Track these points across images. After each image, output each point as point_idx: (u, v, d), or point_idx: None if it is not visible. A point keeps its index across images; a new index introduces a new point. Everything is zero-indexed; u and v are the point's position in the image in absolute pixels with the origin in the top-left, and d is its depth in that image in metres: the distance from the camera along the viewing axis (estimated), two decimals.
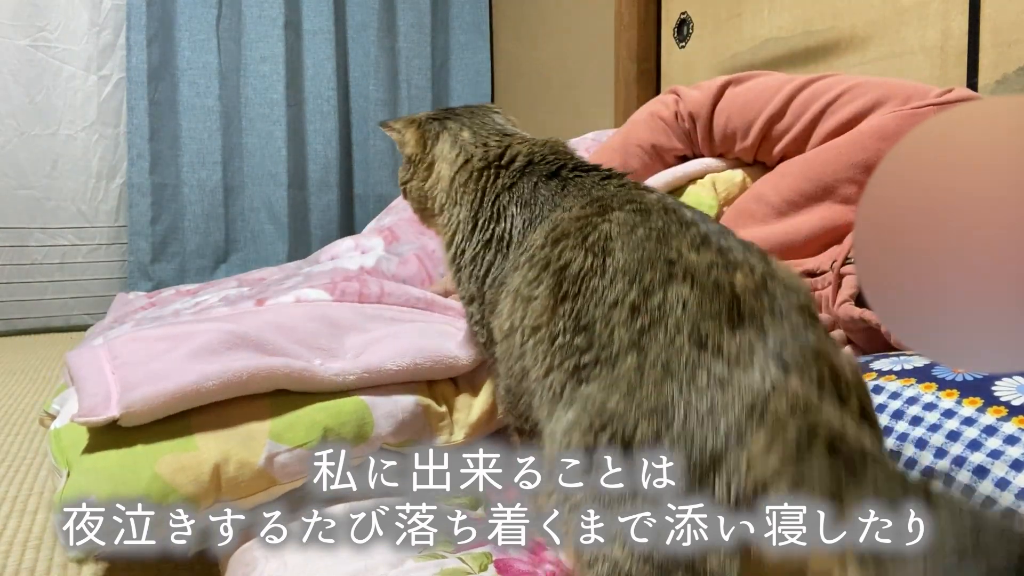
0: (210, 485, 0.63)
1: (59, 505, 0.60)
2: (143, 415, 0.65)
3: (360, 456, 0.71)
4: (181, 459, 0.63)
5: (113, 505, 0.58)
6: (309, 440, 0.68)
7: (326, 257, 1.43)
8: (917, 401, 0.54)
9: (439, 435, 0.77)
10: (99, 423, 0.63)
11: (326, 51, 2.85)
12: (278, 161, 2.79)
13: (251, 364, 0.69)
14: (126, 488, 0.60)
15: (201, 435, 0.65)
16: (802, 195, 0.92)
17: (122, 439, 0.64)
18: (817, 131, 0.97)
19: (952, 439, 0.50)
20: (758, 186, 1.00)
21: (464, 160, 0.78)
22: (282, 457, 0.67)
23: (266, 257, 2.77)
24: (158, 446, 0.64)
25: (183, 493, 0.61)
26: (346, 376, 0.74)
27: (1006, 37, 1.25)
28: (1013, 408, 0.49)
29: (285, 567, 0.57)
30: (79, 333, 2.56)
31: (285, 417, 0.69)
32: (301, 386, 0.72)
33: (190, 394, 0.66)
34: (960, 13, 1.32)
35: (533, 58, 2.82)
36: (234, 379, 0.68)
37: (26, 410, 1.58)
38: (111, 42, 2.60)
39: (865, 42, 1.47)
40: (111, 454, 0.63)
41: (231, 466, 0.64)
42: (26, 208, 2.54)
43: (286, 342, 0.76)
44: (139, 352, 0.72)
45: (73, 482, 0.61)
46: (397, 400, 0.75)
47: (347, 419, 0.71)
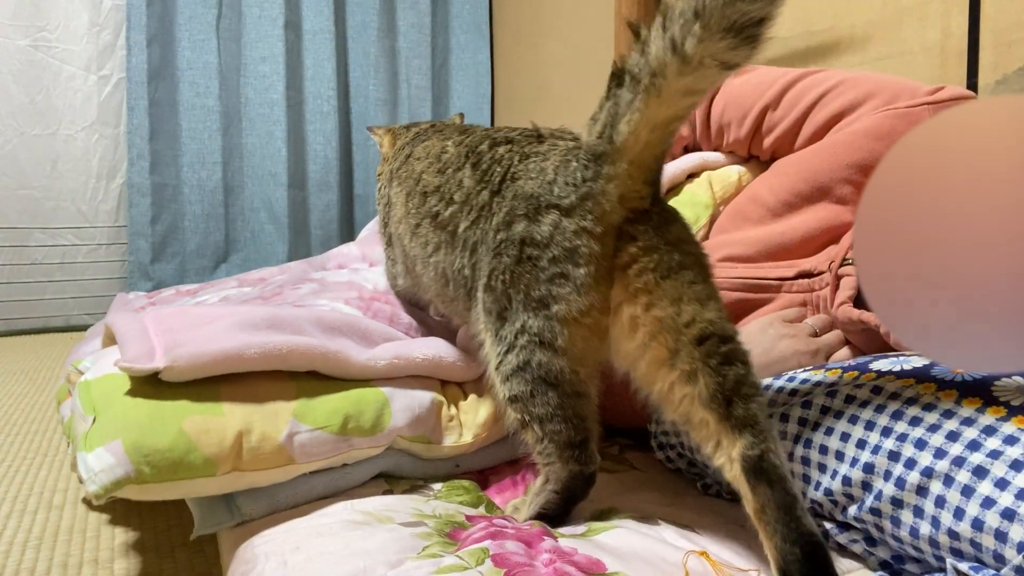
0: (231, 451, 0.65)
1: (84, 442, 0.62)
2: (185, 371, 0.67)
3: (376, 445, 0.73)
4: (208, 421, 0.65)
5: (137, 449, 0.60)
6: (329, 424, 0.70)
7: (333, 264, 1.42)
8: (916, 401, 0.54)
9: (449, 435, 0.78)
10: (142, 372, 0.66)
11: (326, 51, 2.85)
12: (278, 161, 2.79)
13: (291, 341, 0.73)
14: (152, 439, 0.62)
15: (229, 404, 0.68)
16: (798, 195, 0.92)
17: (153, 395, 0.66)
18: (808, 122, 0.97)
19: (951, 439, 0.50)
20: (754, 186, 1.00)
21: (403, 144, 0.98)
22: (302, 436, 0.68)
23: (266, 257, 2.77)
24: (187, 405, 0.66)
25: (205, 453, 0.63)
26: (377, 361, 0.78)
27: (1006, 37, 1.25)
28: (1012, 408, 0.49)
29: (285, 566, 0.57)
30: (79, 333, 2.56)
31: (309, 400, 0.71)
32: (335, 369, 0.75)
33: (232, 358, 0.69)
34: (960, 13, 1.32)
35: (533, 58, 2.82)
36: (274, 351, 0.71)
37: (26, 410, 1.58)
38: (111, 42, 2.60)
39: (865, 42, 1.47)
40: (141, 405, 0.65)
41: (254, 437, 0.66)
42: (26, 208, 2.54)
43: (321, 332, 0.79)
44: (183, 320, 0.75)
45: (101, 425, 0.63)
46: (415, 395, 0.77)
47: (367, 408, 0.73)
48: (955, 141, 0.43)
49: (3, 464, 1.25)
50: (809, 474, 0.59)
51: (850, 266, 0.84)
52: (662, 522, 0.64)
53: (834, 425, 0.57)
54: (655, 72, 0.53)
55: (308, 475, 0.70)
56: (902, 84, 0.94)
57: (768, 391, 0.65)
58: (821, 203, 0.91)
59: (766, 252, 0.92)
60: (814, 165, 0.93)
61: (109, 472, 0.60)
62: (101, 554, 0.94)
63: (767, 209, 0.95)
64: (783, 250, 0.92)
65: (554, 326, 0.60)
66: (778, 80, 1.02)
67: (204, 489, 0.64)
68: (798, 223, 0.92)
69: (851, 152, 0.90)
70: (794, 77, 1.01)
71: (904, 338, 0.44)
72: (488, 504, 0.73)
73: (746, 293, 0.90)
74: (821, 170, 0.92)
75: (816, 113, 0.97)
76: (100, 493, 0.59)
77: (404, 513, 0.66)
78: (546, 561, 0.55)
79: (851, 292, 0.80)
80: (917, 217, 0.43)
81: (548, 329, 0.60)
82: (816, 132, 0.97)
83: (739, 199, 1.00)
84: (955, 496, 0.48)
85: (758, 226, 0.94)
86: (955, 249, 0.42)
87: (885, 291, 0.46)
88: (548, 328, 0.60)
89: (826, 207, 0.91)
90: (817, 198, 0.92)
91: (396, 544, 0.58)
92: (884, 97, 0.93)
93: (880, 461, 0.53)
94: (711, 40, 0.51)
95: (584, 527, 0.64)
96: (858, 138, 0.90)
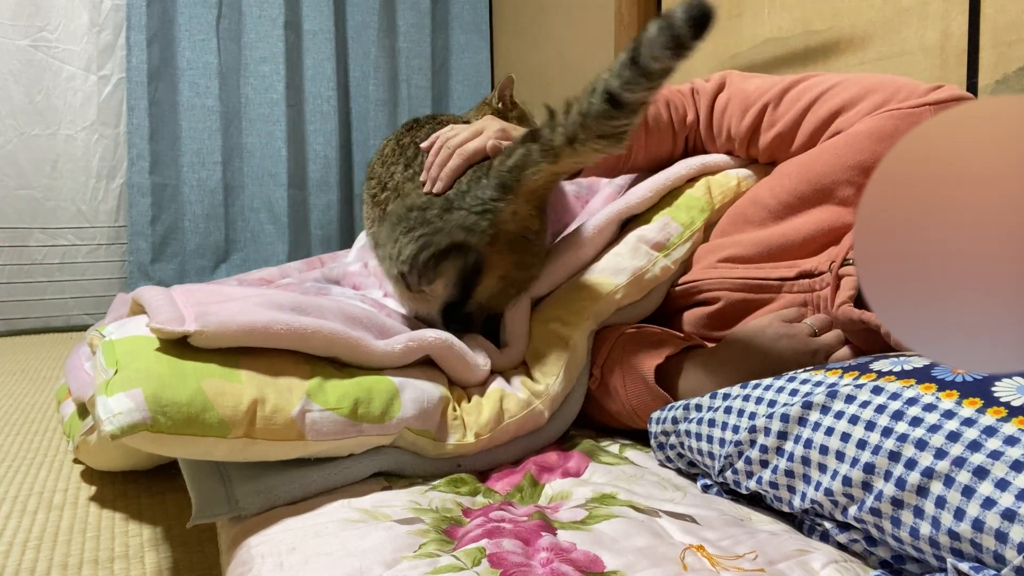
0: (245, 416, 0.66)
1: (105, 388, 0.63)
2: (213, 338, 0.69)
3: (385, 434, 0.73)
4: (225, 385, 0.67)
5: (157, 399, 0.62)
6: (340, 407, 0.71)
7: (339, 272, 1.42)
8: (917, 402, 0.53)
9: (453, 433, 0.78)
10: (173, 335, 0.68)
11: (326, 51, 2.85)
12: (278, 161, 2.79)
13: (316, 323, 0.75)
14: (171, 391, 0.64)
15: (247, 372, 0.69)
16: (799, 197, 0.92)
17: (176, 355, 0.68)
18: (807, 119, 0.97)
19: (952, 440, 0.50)
20: (755, 189, 0.99)
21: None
22: (313, 414, 0.70)
23: (266, 257, 2.77)
24: (208, 367, 0.68)
25: (220, 413, 0.65)
26: (394, 346, 0.80)
27: (1006, 37, 1.25)
28: (1013, 409, 0.49)
29: (281, 568, 0.57)
30: (79, 333, 2.56)
31: (323, 382, 0.73)
32: (355, 355, 0.77)
33: (259, 330, 0.71)
34: (960, 13, 1.32)
35: (533, 58, 2.82)
36: (299, 330, 0.73)
37: (26, 410, 1.58)
38: (111, 42, 2.60)
39: (865, 42, 1.47)
40: (163, 361, 0.67)
41: (267, 407, 0.68)
42: (26, 208, 2.54)
43: (343, 321, 0.81)
44: (212, 295, 0.77)
45: (123, 375, 0.64)
46: (424, 388, 0.78)
47: (376, 395, 0.74)
48: (955, 141, 0.43)
49: (3, 464, 1.25)
50: (809, 474, 0.59)
51: (850, 266, 0.84)
52: (663, 514, 0.64)
53: (834, 425, 0.57)
54: (556, 150, 0.79)
55: (306, 469, 0.71)
56: (901, 82, 0.94)
57: (768, 391, 0.65)
58: (823, 205, 0.91)
59: (767, 253, 0.92)
60: (816, 167, 0.92)
61: (127, 415, 0.61)
62: (101, 554, 0.94)
63: (768, 211, 0.94)
64: (784, 251, 0.91)
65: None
66: (781, 81, 1.02)
67: (215, 450, 0.65)
68: (799, 224, 0.91)
69: (853, 153, 0.90)
70: (797, 78, 1.02)
71: (904, 338, 0.43)
72: (486, 492, 0.73)
73: (747, 293, 0.90)
74: (823, 172, 0.91)
75: (817, 109, 0.97)
76: (116, 434, 0.60)
77: (401, 508, 0.66)
78: (544, 560, 0.55)
79: (851, 292, 0.80)
80: (917, 217, 0.43)
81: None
82: (816, 129, 0.97)
83: (740, 202, 1.00)
84: (955, 497, 0.48)
85: (759, 228, 0.94)
86: (956, 249, 0.42)
87: (885, 291, 0.46)
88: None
89: (828, 209, 0.91)
90: (819, 200, 0.91)
91: (392, 543, 0.58)
92: (884, 94, 0.93)
93: (880, 461, 0.53)
94: (592, 140, 0.77)
95: (584, 512, 0.64)
96: (860, 139, 0.90)
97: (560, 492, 0.72)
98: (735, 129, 1.05)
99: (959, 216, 0.42)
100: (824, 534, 0.60)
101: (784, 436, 0.61)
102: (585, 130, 0.76)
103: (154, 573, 0.90)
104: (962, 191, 0.42)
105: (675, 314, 0.98)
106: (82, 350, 1.18)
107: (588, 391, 0.90)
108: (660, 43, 0.68)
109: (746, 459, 0.64)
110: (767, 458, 0.62)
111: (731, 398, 0.68)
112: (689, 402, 0.73)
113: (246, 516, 0.67)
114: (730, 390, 0.69)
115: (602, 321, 0.92)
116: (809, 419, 0.59)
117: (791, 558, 0.55)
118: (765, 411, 0.63)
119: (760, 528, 0.62)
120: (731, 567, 0.55)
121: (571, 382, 0.88)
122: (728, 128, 1.06)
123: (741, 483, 0.66)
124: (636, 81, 0.71)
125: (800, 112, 0.98)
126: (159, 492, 1.12)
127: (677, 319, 0.97)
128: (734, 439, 0.65)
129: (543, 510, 0.66)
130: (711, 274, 0.93)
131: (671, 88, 1.12)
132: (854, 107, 0.94)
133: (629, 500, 0.67)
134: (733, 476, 0.66)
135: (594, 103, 0.74)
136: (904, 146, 0.43)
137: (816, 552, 0.56)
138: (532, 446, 0.84)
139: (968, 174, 0.41)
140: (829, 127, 0.96)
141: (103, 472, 1.18)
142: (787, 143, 1.01)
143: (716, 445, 0.67)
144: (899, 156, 0.43)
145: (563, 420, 0.87)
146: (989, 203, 0.41)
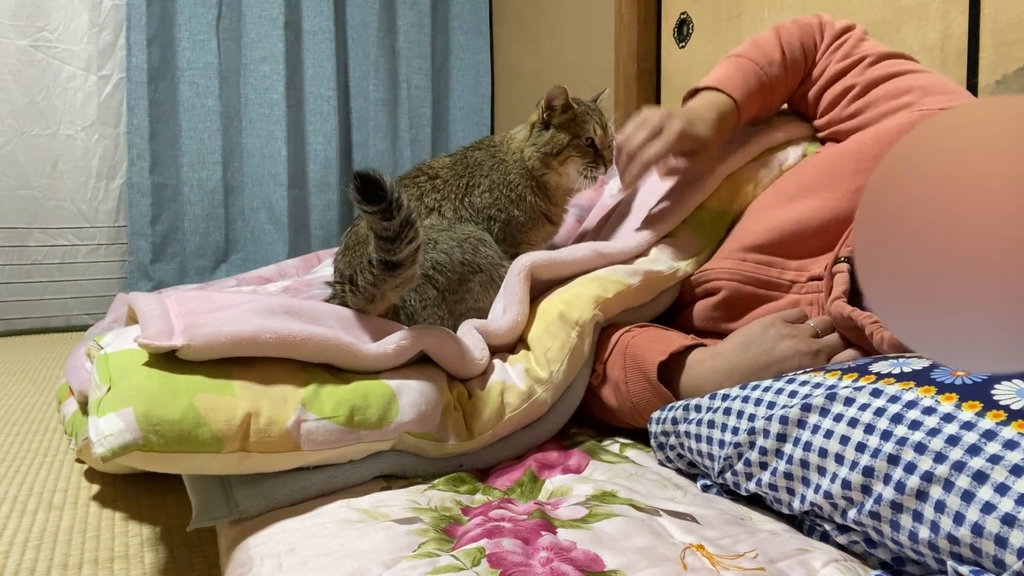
0: (239, 431, 0.65)
1: (97, 408, 0.63)
2: (202, 351, 0.68)
3: (384, 439, 0.73)
4: (218, 400, 0.66)
5: (147, 418, 0.62)
6: (336, 415, 0.71)
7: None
8: (916, 405, 0.53)
9: (453, 432, 0.78)
10: (160, 349, 0.67)
11: (326, 51, 2.85)
12: (278, 161, 2.79)
13: (307, 330, 0.74)
14: (163, 409, 0.63)
15: (240, 384, 0.69)
16: (819, 182, 0.93)
17: (168, 369, 0.67)
18: (867, 72, 0.99)
19: (952, 443, 0.49)
20: (781, 179, 1.00)
21: None
22: (309, 424, 0.69)
23: (266, 257, 2.77)
24: (200, 381, 0.67)
25: (213, 429, 0.64)
26: (386, 347, 0.79)
27: (1006, 37, 1.25)
28: (1013, 412, 0.49)
29: (280, 568, 0.57)
30: (79, 333, 2.56)
31: (318, 389, 0.72)
32: (348, 360, 0.76)
33: (247, 341, 0.70)
34: (960, 13, 1.32)
35: (533, 58, 2.82)
36: (289, 338, 0.72)
37: (26, 410, 1.58)
38: (111, 42, 2.60)
39: None
40: (155, 377, 0.66)
41: (262, 419, 0.67)
42: (26, 208, 2.54)
43: (338, 323, 0.81)
44: (204, 304, 0.76)
45: (114, 393, 0.64)
46: (422, 390, 0.78)
47: (373, 401, 0.74)
48: (956, 140, 0.42)
49: (3, 464, 1.25)
50: (808, 477, 0.59)
51: (843, 263, 0.84)
52: (663, 513, 0.64)
53: (833, 428, 0.57)
54: (366, 300, 0.84)
55: (307, 472, 0.71)
56: (938, 80, 0.97)
57: (767, 392, 0.65)
58: (840, 193, 0.91)
59: (779, 240, 0.92)
60: (843, 156, 0.93)
61: (118, 436, 0.61)
62: (101, 554, 0.94)
63: (788, 195, 0.95)
64: (797, 238, 0.91)
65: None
66: (893, 64, 1.02)
67: (209, 466, 0.65)
68: (815, 208, 0.91)
69: (879, 146, 0.90)
70: (895, 71, 1.01)
71: (904, 338, 0.43)
72: (486, 489, 0.73)
73: (756, 288, 0.91)
74: (847, 160, 0.92)
75: (876, 70, 0.99)
76: (107, 455, 0.60)
77: (399, 508, 0.66)
78: (543, 560, 0.55)
79: (844, 287, 0.80)
80: (917, 216, 0.43)
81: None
82: (862, 88, 0.98)
83: (765, 193, 1.01)
84: (955, 501, 0.47)
85: (775, 209, 0.95)
86: (956, 248, 0.42)
87: (885, 291, 0.46)
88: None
89: (844, 198, 0.91)
90: (836, 186, 0.92)
91: (391, 543, 0.58)
92: (922, 92, 0.95)
93: (879, 465, 0.53)
94: (378, 301, 0.84)
95: (584, 511, 0.64)
96: (890, 133, 0.91)
97: (560, 488, 0.72)
98: (829, 70, 1.04)
99: (959, 215, 0.41)
100: (824, 534, 0.60)
101: (783, 438, 0.61)
102: (367, 295, 0.83)
103: (154, 573, 0.90)
104: (962, 191, 0.41)
105: (685, 307, 0.98)
106: (83, 350, 1.18)
107: (590, 387, 0.90)
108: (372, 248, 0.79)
109: (745, 461, 0.64)
110: (766, 460, 0.62)
111: (731, 399, 0.68)
112: (689, 402, 0.73)
113: (246, 518, 0.67)
114: (730, 391, 0.69)
115: (610, 317, 0.92)
116: (808, 421, 0.59)
117: (791, 557, 0.55)
118: (764, 413, 0.63)
119: (760, 527, 0.62)
120: (731, 566, 0.55)
121: (574, 372, 0.88)
122: (815, 80, 1.05)
123: (740, 485, 0.66)
124: (388, 265, 0.80)
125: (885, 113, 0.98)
126: (159, 492, 1.12)
127: (687, 312, 0.98)
128: (733, 441, 0.65)
129: (543, 507, 0.66)
130: (723, 264, 0.94)
131: (805, 32, 1.07)
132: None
133: (629, 498, 0.67)
134: (733, 478, 0.66)
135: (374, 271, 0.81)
136: (904, 146, 0.43)
137: (816, 551, 0.56)
138: (533, 440, 0.84)
139: (968, 174, 0.41)
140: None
141: (103, 472, 1.18)
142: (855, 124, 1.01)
143: (716, 446, 0.67)
144: (899, 156, 0.43)
145: (562, 413, 0.88)
146: (989, 203, 0.41)
